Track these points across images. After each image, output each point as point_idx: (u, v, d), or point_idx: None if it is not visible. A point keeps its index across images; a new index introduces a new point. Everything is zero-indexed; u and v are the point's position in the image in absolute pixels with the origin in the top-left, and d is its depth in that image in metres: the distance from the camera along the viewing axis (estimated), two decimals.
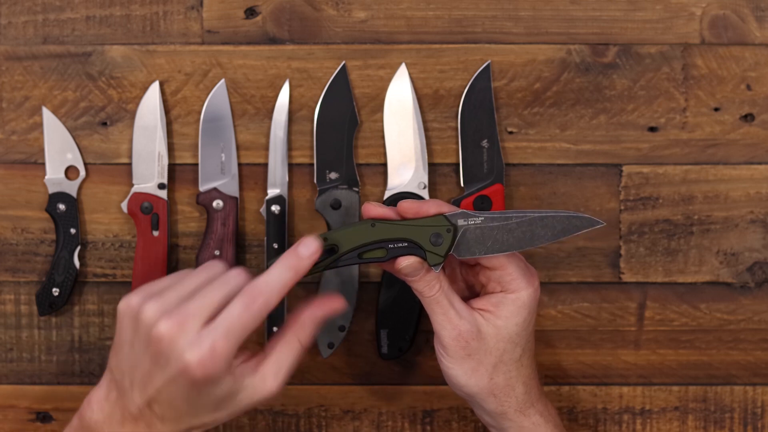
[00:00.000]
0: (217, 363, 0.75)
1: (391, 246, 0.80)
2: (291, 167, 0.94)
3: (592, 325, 0.96)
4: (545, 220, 0.81)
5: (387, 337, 0.94)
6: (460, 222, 0.81)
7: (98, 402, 0.79)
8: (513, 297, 0.82)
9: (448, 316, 0.81)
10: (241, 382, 0.77)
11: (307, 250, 0.79)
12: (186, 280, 0.79)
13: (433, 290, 0.81)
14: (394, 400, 0.96)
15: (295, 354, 0.79)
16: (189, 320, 0.75)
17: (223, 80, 0.94)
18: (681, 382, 0.96)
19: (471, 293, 0.86)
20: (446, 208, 0.81)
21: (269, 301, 0.77)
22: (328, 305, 0.80)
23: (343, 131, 0.94)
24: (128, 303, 0.77)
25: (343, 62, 0.94)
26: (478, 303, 0.83)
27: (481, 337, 0.81)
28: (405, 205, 0.81)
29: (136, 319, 0.77)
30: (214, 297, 0.77)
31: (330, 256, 0.80)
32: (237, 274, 0.78)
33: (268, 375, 0.78)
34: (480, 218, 0.81)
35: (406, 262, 0.80)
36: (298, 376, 0.96)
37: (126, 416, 0.78)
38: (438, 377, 0.85)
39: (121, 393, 0.78)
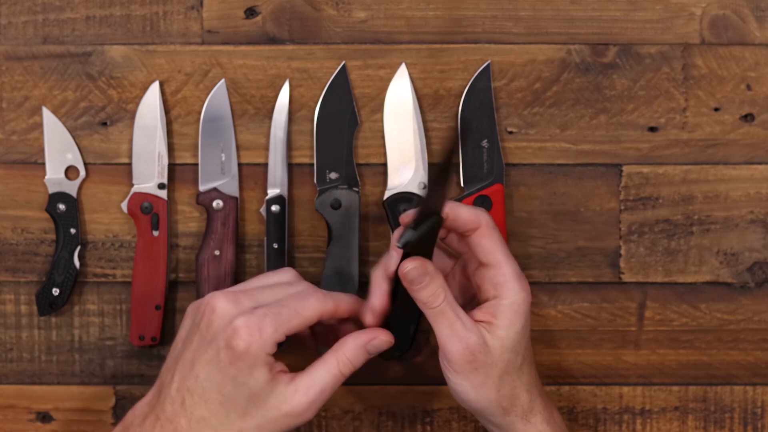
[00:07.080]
0: (264, 335, 0.77)
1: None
2: (291, 167, 0.94)
3: (592, 325, 0.96)
4: None
5: None
6: None
7: (140, 406, 0.81)
8: (508, 303, 0.81)
9: (454, 328, 0.80)
10: (274, 386, 0.78)
11: (373, 318, 0.83)
12: (254, 280, 0.83)
13: (438, 300, 0.80)
14: (394, 400, 0.96)
15: (332, 375, 0.80)
16: (244, 299, 0.79)
17: (223, 80, 0.94)
18: (681, 382, 0.96)
19: (464, 299, 0.85)
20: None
21: (322, 308, 0.81)
22: (375, 335, 0.82)
23: (343, 131, 0.94)
24: (194, 301, 0.82)
25: (343, 62, 0.94)
26: (476, 315, 0.82)
27: (487, 349, 0.81)
28: (408, 218, 0.81)
29: (197, 307, 0.80)
30: (274, 291, 0.81)
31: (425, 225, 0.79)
32: (299, 283, 0.83)
33: (300, 388, 0.79)
34: None
35: (411, 265, 0.80)
36: None
37: (160, 417, 0.79)
38: (438, 377, 0.84)
39: (160, 393, 0.80)
